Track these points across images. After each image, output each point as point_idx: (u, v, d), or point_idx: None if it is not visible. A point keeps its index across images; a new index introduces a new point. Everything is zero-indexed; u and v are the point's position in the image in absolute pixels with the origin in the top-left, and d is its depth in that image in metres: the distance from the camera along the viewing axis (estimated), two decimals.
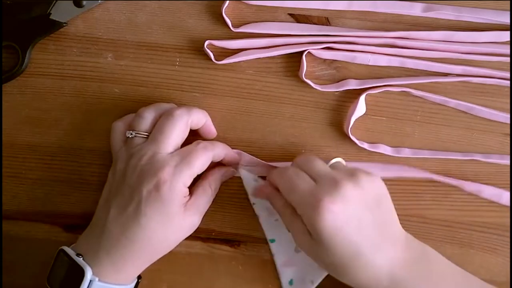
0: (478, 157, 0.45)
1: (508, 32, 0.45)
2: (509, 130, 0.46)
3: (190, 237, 0.46)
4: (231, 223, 0.46)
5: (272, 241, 0.45)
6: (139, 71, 0.46)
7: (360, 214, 0.38)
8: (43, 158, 0.46)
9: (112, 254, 0.39)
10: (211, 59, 0.45)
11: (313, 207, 0.37)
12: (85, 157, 0.46)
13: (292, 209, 0.39)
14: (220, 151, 0.43)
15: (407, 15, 0.46)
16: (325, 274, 0.45)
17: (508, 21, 0.45)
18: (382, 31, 0.45)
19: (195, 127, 0.43)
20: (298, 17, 0.46)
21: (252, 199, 0.45)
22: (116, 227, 0.39)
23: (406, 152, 0.46)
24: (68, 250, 0.39)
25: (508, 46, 0.45)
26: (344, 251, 0.37)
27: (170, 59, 0.46)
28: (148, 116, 0.41)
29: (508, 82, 0.45)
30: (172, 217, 0.39)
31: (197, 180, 0.42)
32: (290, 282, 0.45)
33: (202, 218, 0.42)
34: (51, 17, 0.45)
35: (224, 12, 0.45)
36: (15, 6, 0.44)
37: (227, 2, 0.45)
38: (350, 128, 0.45)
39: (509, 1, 0.45)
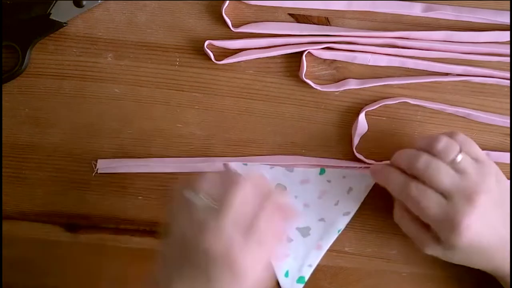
0: None
1: (508, 32, 0.45)
2: (509, 130, 0.46)
3: None
4: None
5: None
6: (139, 71, 0.46)
7: (493, 219, 0.39)
8: (43, 158, 0.46)
9: None
10: (211, 59, 0.45)
11: (450, 228, 0.38)
12: (85, 157, 0.46)
13: (417, 221, 0.40)
14: (284, 206, 0.38)
15: (407, 15, 0.46)
16: (322, 254, 0.45)
17: (508, 21, 0.45)
18: (382, 31, 0.45)
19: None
20: (298, 17, 0.46)
21: None
22: None
23: None
24: None
25: (508, 46, 0.45)
26: (476, 255, 0.40)
27: (170, 59, 0.46)
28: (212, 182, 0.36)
29: (508, 82, 0.45)
30: None
31: None
32: (286, 274, 0.45)
33: None
34: (51, 17, 0.45)
35: (224, 12, 0.45)
36: (15, 6, 0.44)
37: (227, 2, 0.45)
38: (355, 146, 0.45)
39: (509, 1, 0.45)
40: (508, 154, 0.46)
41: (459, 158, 0.39)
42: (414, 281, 0.46)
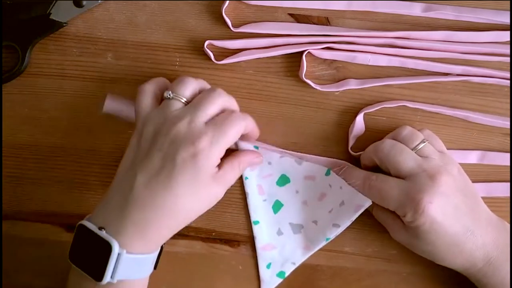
0: (476, 157, 0.46)
1: (508, 32, 0.45)
2: (509, 130, 0.46)
3: (190, 237, 0.46)
4: (231, 223, 0.46)
5: (256, 223, 0.45)
6: (139, 71, 0.46)
7: (456, 203, 0.39)
8: (43, 158, 0.46)
9: (139, 223, 0.37)
10: (211, 59, 0.45)
11: (412, 207, 0.38)
12: (85, 157, 0.46)
13: (383, 208, 0.41)
14: (251, 122, 0.41)
15: (407, 15, 0.46)
16: (308, 256, 0.45)
17: (508, 21, 0.45)
18: (382, 31, 0.45)
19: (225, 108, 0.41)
20: (298, 17, 0.46)
21: (247, 173, 0.45)
22: (144, 193, 0.37)
23: None
24: (89, 225, 0.37)
25: (508, 46, 0.45)
26: (442, 241, 0.39)
27: (170, 59, 0.46)
28: (190, 85, 0.40)
29: (508, 82, 0.45)
30: (202, 186, 0.38)
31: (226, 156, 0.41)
32: (268, 266, 0.45)
33: (202, 218, 0.42)
34: (51, 17, 0.45)
35: (224, 12, 0.45)
36: (15, 6, 0.44)
37: (227, 2, 0.45)
38: (351, 147, 0.45)
39: (509, 1, 0.45)
40: (508, 154, 0.46)
41: (422, 145, 0.40)
42: (414, 281, 0.46)
